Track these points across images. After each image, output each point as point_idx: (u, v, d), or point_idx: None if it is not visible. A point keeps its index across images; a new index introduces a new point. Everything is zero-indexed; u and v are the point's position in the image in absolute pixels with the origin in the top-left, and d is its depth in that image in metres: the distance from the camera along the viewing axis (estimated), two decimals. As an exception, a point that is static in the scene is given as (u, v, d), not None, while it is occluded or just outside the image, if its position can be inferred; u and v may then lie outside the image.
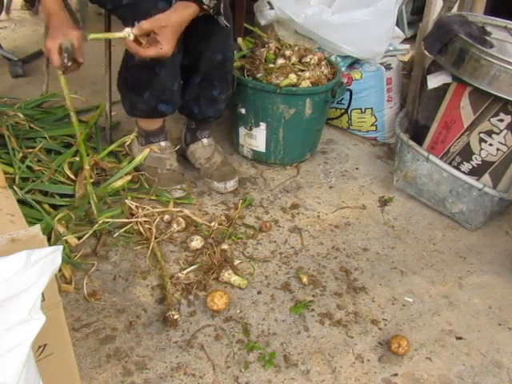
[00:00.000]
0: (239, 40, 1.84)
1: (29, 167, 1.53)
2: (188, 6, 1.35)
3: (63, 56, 1.30)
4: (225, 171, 1.73)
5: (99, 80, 2.26)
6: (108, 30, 1.73)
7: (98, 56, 2.54)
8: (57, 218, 1.38)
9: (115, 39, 1.65)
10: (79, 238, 1.41)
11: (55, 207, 1.47)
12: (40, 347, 0.76)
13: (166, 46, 1.32)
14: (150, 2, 1.37)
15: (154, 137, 1.68)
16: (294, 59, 1.83)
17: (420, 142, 1.70)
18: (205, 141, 1.77)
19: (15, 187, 1.42)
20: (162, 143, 1.69)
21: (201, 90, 1.62)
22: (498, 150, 1.56)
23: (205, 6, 1.37)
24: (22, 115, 1.74)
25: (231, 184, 1.71)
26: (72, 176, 1.55)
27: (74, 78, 2.34)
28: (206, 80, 1.60)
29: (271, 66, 1.77)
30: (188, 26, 1.41)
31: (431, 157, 1.63)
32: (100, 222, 1.45)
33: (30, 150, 1.56)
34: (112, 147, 1.71)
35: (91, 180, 1.57)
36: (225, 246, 1.46)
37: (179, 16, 1.33)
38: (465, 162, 1.63)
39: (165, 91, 1.51)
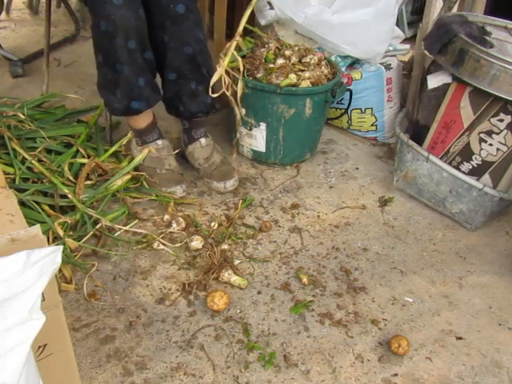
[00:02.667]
0: (239, 40, 1.83)
1: (29, 168, 1.53)
2: None
3: None
4: (224, 171, 1.72)
5: (99, 80, 2.26)
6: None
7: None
8: (57, 222, 1.38)
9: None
10: (79, 240, 1.41)
11: (55, 208, 1.47)
12: (40, 347, 0.76)
13: None
14: None
15: (147, 135, 1.67)
16: (294, 59, 1.83)
17: (420, 142, 1.70)
18: (202, 140, 1.76)
19: (15, 189, 1.42)
20: (159, 142, 1.68)
21: (179, 87, 1.62)
22: (498, 149, 1.56)
23: None
24: (22, 115, 1.74)
25: (231, 183, 1.70)
26: (71, 178, 1.55)
27: (74, 77, 2.36)
28: (182, 76, 1.59)
29: (271, 66, 1.77)
30: (147, 16, 1.45)
31: (431, 157, 1.63)
32: (100, 225, 1.45)
33: (31, 153, 1.56)
34: (112, 149, 1.71)
35: (91, 182, 1.57)
36: (225, 246, 1.46)
37: None
38: (465, 162, 1.63)
39: (132, 88, 1.51)
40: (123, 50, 1.43)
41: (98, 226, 1.45)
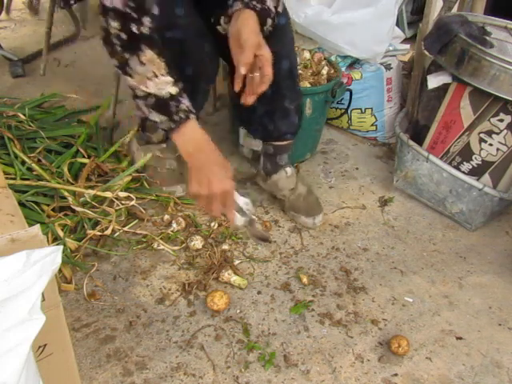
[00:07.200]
0: None
1: (29, 169, 1.53)
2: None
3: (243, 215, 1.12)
4: (312, 203, 1.62)
5: (99, 80, 2.26)
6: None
7: (98, 56, 2.55)
8: (57, 224, 1.38)
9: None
10: (79, 240, 1.41)
11: (55, 209, 1.47)
12: (40, 347, 0.76)
13: (267, 53, 1.21)
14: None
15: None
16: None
17: (420, 142, 1.70)
18: (288, 170, 1.62)
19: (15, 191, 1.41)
20: (163, 144, 1.68)
21: (272, 104, 1.49)
22: (498, 149, 1.56)
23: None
24: (22, 115, 1.74)
25: (319, 219, 1.60)
26: (71, 180, 1.55)
27: (74, 77, 2.36)
28: (278, 92, 1.46)
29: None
30: None
31: (431, 157, 1.63)
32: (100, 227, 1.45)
33: (31, 155, 1.55)
34: (112, 149, 1.70)
35: (91, 183, 1.57)
36: (225, 246, 1.46)
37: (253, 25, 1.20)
38: (465, 162, 1.63)
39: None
40: None
41: (98, 228, 1.44)
